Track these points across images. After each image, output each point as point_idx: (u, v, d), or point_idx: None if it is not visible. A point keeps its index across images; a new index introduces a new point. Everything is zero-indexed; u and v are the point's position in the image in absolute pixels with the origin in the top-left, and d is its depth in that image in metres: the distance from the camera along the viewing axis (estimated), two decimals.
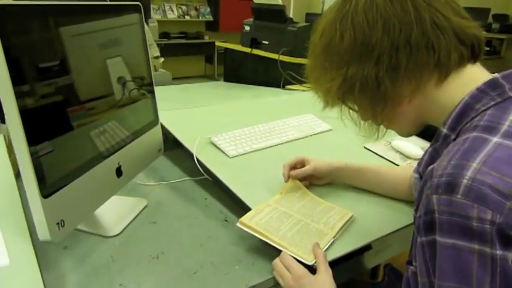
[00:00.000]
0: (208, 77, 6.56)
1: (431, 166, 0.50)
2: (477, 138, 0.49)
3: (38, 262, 0.66)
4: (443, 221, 0.45)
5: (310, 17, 5.88)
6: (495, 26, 5.17)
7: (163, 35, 5.70)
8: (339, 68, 0.60)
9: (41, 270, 0.65)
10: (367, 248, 0.79)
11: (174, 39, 5.83)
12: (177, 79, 3.75)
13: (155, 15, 5.84)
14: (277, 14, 1.99)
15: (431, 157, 0.61)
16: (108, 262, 0.74)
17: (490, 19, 5.19)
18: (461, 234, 0.44)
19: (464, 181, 0.44)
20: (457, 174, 0.45)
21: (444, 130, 0.57)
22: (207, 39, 6.28)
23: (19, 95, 0.57)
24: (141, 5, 0.91)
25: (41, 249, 0.74)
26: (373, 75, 0.57)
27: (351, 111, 0.66)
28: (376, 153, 1.13)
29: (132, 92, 0.88)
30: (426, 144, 1.15)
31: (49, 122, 0.65)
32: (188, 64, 6.27)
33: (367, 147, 1.16)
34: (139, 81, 0.91)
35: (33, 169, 0.60)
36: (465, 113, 0.54)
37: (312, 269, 0.68)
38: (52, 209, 0.64)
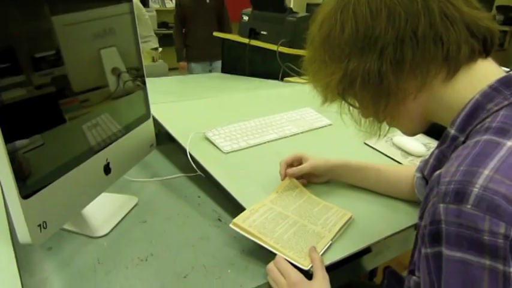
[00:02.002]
0: None
1: (438, 171, 0.46)
2: (489, 141, 0.45)
3: (18, 265, 0.63)
4: (450, 232, 0.41)
5: (311, 7, 5.79)
6: (499, 17, 5.09)
7: (162, 24, 5.62)
8: (339, 62, 0.56)
9: (20, 275, 0.61)
10: (366, 250, 0.76)
11: (173, 29, 5.74)
12: (176, 69, 3.69)
13: (154, 5, 5.75)
14: (277, 4, 1.93)
15: (438, 160, 0.57)
16: (95, 264, 0.70)
17: (494, 11, 5.10)
18: (470, 248, 0.40)
19: (475, 190, 0.40)
20: (467, 182, 0.41)
21: (452, 131, 0.53)
22: None
23: None
24: None
25: (24, 251, 0.71)
26: (375, 69, 0.53)
27: (351, 107, 0.62)
28: (377, 150, 1.09)
29: (125, 84, 0.84)
30: (429, 141, 1.11)
31: (31, 116, 0.61)
32: None
33: (368, 143, 1.12)
34: (132, 73, 0.87)
35: (11, 168, 0.56)
36: (476, 112, 0.50)
37: (308, 274, 0.65)
38: (33, 210, 0.60)
